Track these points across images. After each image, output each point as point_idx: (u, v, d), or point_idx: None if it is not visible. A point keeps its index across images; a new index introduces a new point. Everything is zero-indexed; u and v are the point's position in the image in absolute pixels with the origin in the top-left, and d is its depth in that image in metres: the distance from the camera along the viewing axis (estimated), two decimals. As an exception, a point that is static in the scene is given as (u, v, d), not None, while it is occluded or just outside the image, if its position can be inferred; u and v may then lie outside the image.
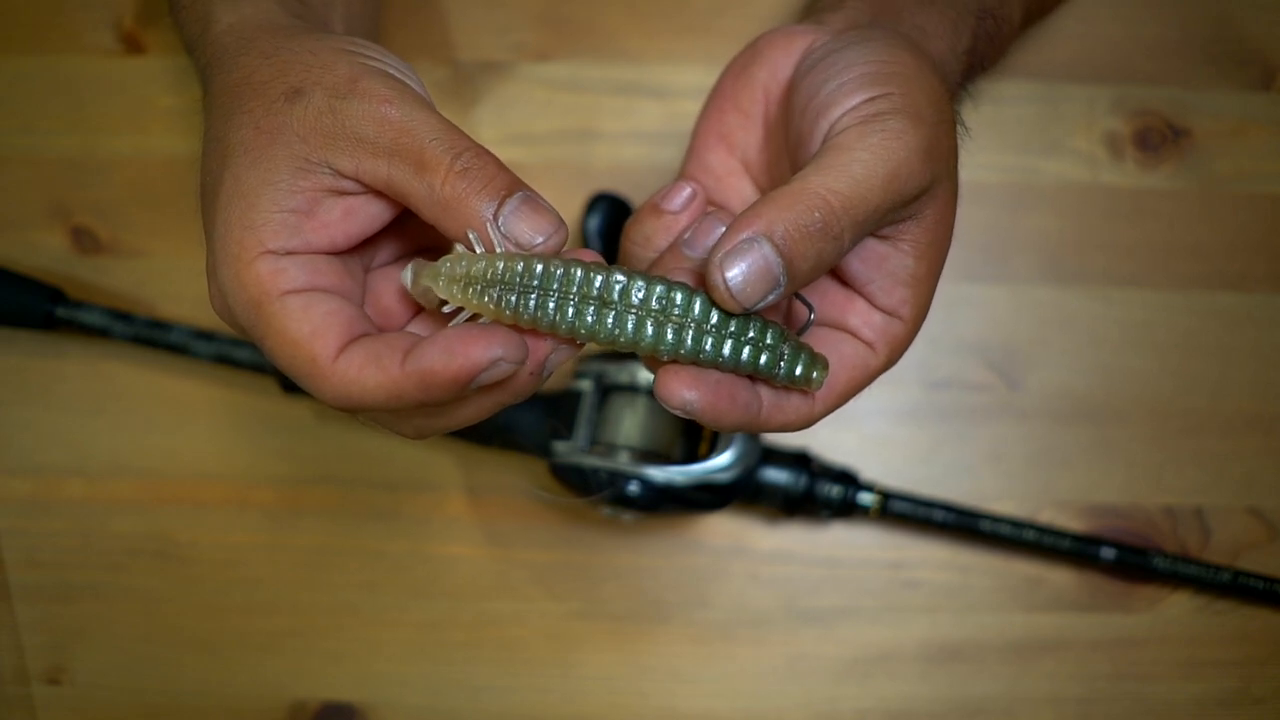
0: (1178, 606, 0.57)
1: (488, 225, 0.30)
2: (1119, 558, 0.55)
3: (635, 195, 0.57)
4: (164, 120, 0.60)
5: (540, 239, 0.30)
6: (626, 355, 0.53)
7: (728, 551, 0.57)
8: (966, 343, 0.58)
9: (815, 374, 0.31)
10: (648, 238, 0.33)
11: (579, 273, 0.29)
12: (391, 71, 0.32)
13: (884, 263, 0.33)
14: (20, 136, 0.60)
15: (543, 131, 0.60)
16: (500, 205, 0.30)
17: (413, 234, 0.35)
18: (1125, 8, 0.60)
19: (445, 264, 0.31)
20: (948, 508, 0.55)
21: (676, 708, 0.57)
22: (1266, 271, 0.59)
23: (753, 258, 0.28)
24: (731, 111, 0.36)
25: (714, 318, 0.29)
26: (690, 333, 0.29)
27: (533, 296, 0.29)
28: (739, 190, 0.37)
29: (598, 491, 0.51)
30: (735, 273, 0.28)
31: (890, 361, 0.34)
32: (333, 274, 0.32)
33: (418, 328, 0.34)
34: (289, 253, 0.31)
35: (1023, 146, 0.60)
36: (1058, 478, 0.58)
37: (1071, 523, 0.57)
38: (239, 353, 0.55)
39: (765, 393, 0.31)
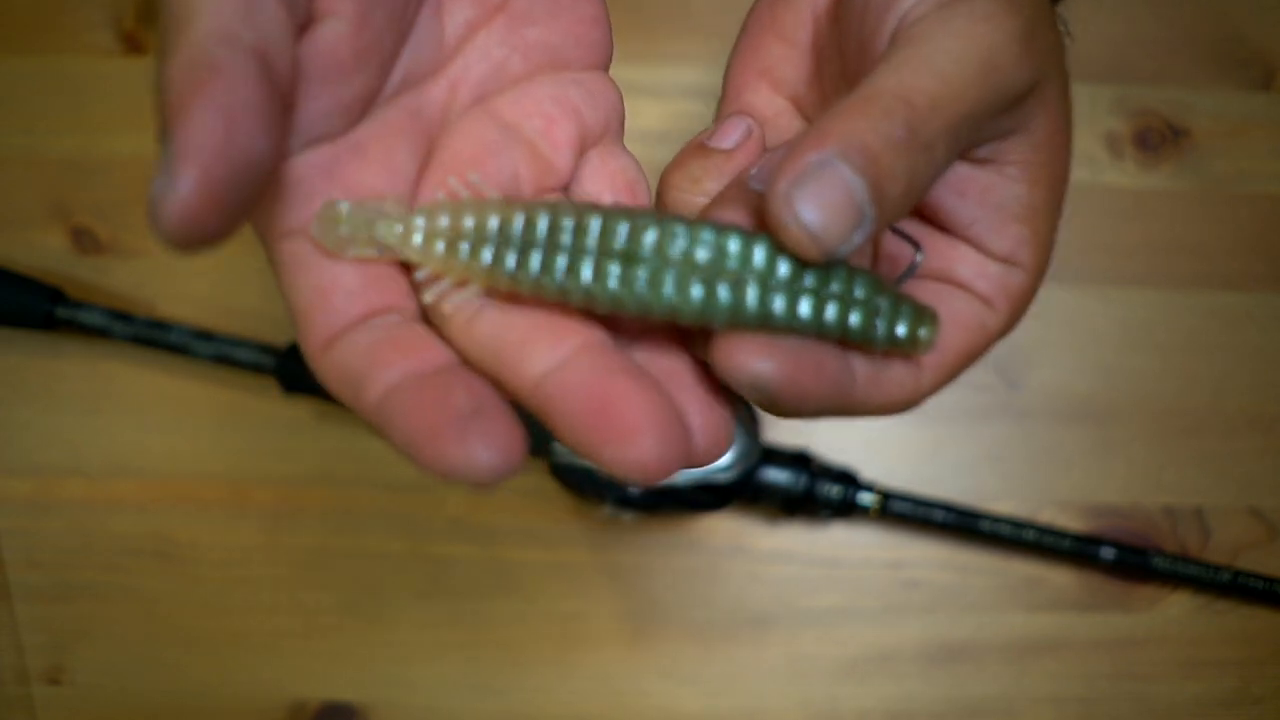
0: (1178, 606, 0.57)
1: None
2: (1119, 558, 0.55)
3: (635, 195, 0.57)
4: (164, 120, 0.60)
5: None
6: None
7: (728, 551, 0.57)
8: (966, 343, 0.58)
9: (924, 331, 0.23)
10: (695, 179, 0.27)
11: (597, 221, 0.22)
12: None
13: (990, 194, 0.26)
14: (20, 136, 0.60)
15: (543, 131, 0.60)
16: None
17: None
18: (1125, 8, 0.60)
19: (417, 216, 0.23)
20: (948, 508, 0.55)
21: (676, 708, 0.57)
22: (1267, 271, 0.59)
23: (829, 184, 0.21)
24: (774, 41, 0.30)
25: (782, 269, 0.22)
26: (753, 290, 0.22)
27: (538, 255, 0.22)
28: (793, 131, 0.30)
29: (597, 493, 0.51)
30: (809, 205, 0.21)
31: (1013, 321, 0.27)
32: None
33: None
34: None
35: (1023, 146, 0.60)
36: (1058, 478, 0.58)
37: (1072, 523, 0.57)
38: (239, 353, 0.55)
39: (859, 362, 0.24)
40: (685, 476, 0.50)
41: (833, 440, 0.57)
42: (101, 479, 0.58)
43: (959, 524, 0.55)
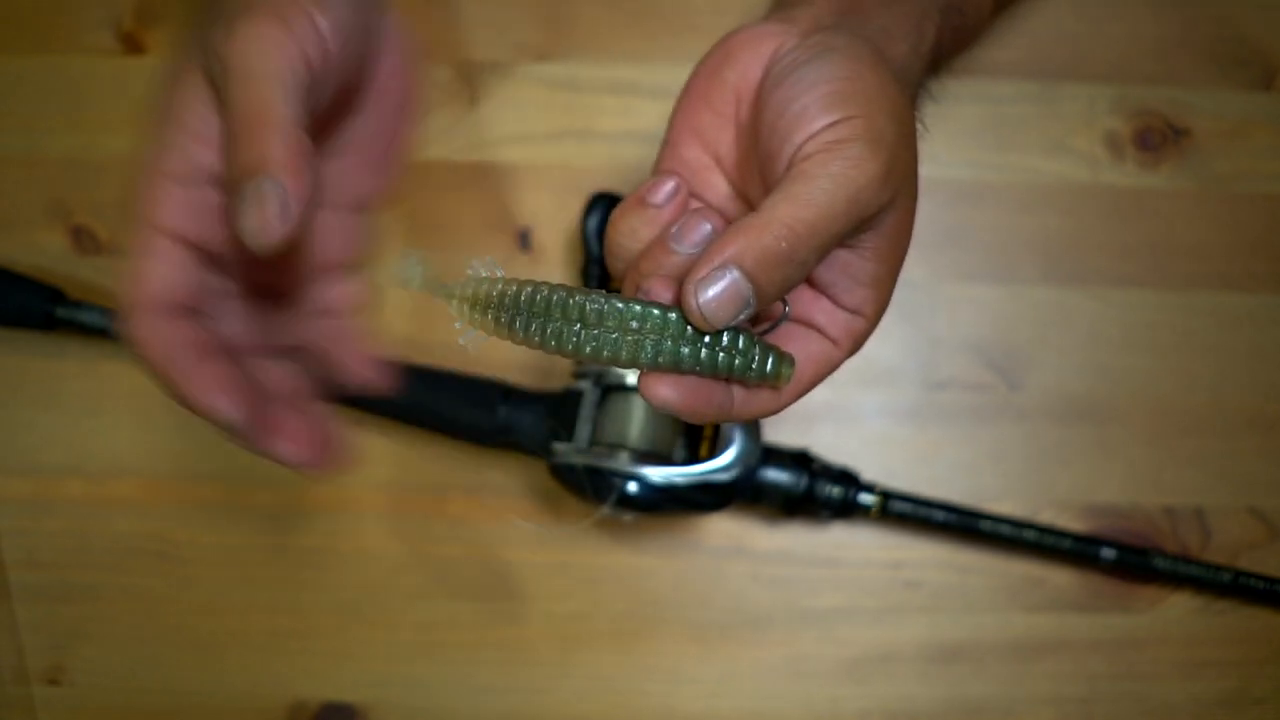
0: (1178, 607, 0.57)
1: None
2: (1119, 558, 0.54)
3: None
4: (164, 120, 0.60)
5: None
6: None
7: (728, 551, 0.57)
8: (967, 343, 0.58)
9: (784, 371, 0.34)
10: (634, 230, 0.36)
11: (568, 299, 0.33)
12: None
13: (847, 268, 0.35)
14: (20, 136, 0.60)
15: (543, 131, 0.60)
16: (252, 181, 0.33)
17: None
18: (1125, 7, 0.60)
19: (459, 286, 0.35)
20: (948, 508, 0.55)
21: (676, 708, 0.57)
22: (1266, 271, 0.59)
23: (724, 284, 0.31)
24: (705, 110, 0.39)
25: (689, 330, 0.33)
26: (668, 344, 0.33)
27: (530, 320, 0.33)
28: (713, 185, 0.39)
29: (597, 493, 0.51)
30: (708, 298, 0.31)
31: (852, 352, 0.37)
32: None
33: None
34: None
35: (1023, 146, 0.60)
36: (1058, 478, 0.58)
37: (1072, 523, 0.57)
38: (239, 353, 0.55)
39: (738, 391, 0.35)
40: (685, 477, 0.50)
41: (833, 440, 0.57)
42: (101, 479, 0.58)
43: (959, 524, 0.55)
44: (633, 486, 0.49)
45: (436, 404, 0.54)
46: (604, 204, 0.56)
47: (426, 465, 0.58)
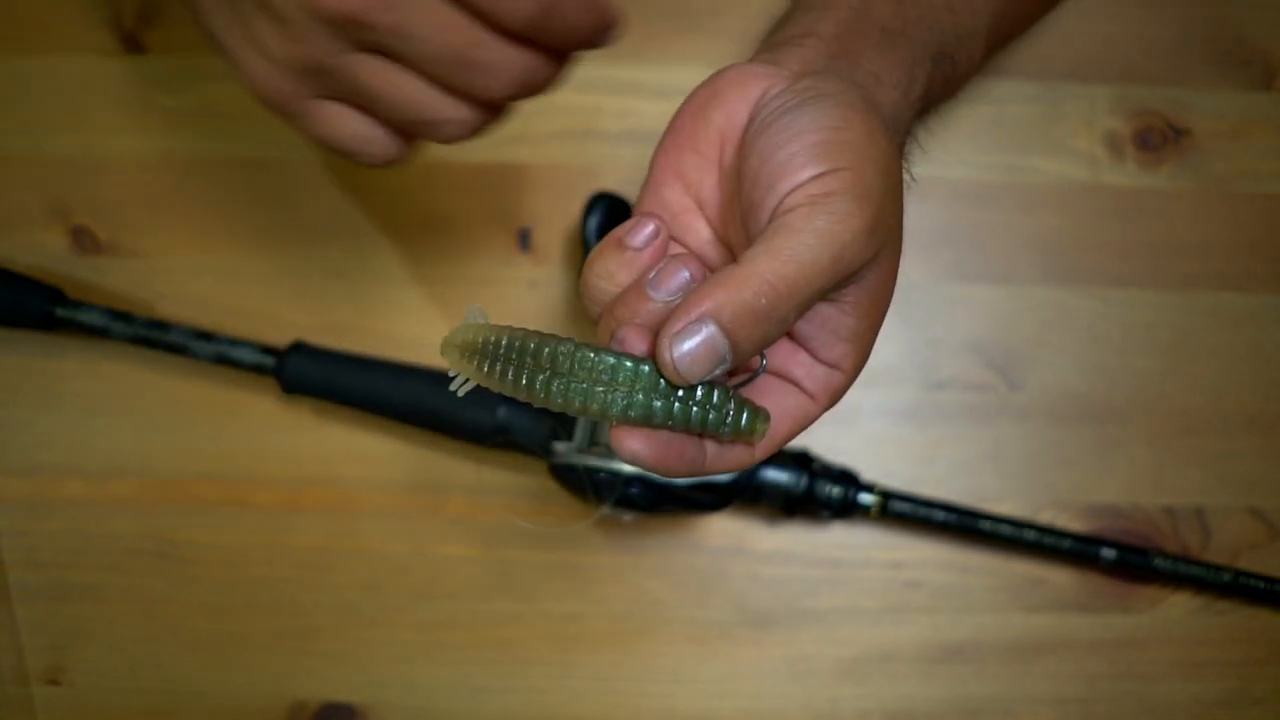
0: (1178, 607, 0.57)
1: None
2: (1119, 558, 0.54)
3: (635, 195, 0.57)
4: (164, 120, 0.60)
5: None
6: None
7: (728, 551, 0.57)
8: (966, 343, 0.58)
9: (758, 428, 0.33)
10: (611, 273, 0.34)
11: (541, 347, 0.33)
12: None
13: (827, 322, 0.34)
14: (20, 136, 0.60)
15: (543, 131, 0.60)
16: None
17: None
18: (1125, 7, 0.60)
19: (453, 333, 0.35)
20: (948, 508, 0.55)
21: (676, 708, 0.57)
22: (1267, 271, 0.59)
23: (700, 338, 0.30)
24: (689, 151, 0.37)
25: (662, 383, 0.32)
26: (640, 398, 0.32)
27: (508, 368, 0.33)
28: (694, 228, 0.38)
29: (597, 493, 0.51)
30: (682, 352, 0.30)
31: (829, 406, 0.36)
32: None
33: None
34: None
35: (1023, 146, 0.60)
36: (1058, 478, 0.58)
37: (1072, 523, 0.57)
38: (239, 353, 0.55)
39: (710, 446, 0.34)
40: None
41: (833, 440, 0.57)
42: (101, 479, 0.58)
43: (959, 524, 0.55)
44: (633, 486, 0.49)
45: (436, 404, 0.55)
46: (604, 204, 0.55)
47: (426, 465, 0.58)
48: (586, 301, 0.35)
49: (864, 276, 0.33)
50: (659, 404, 0.32)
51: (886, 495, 0.54)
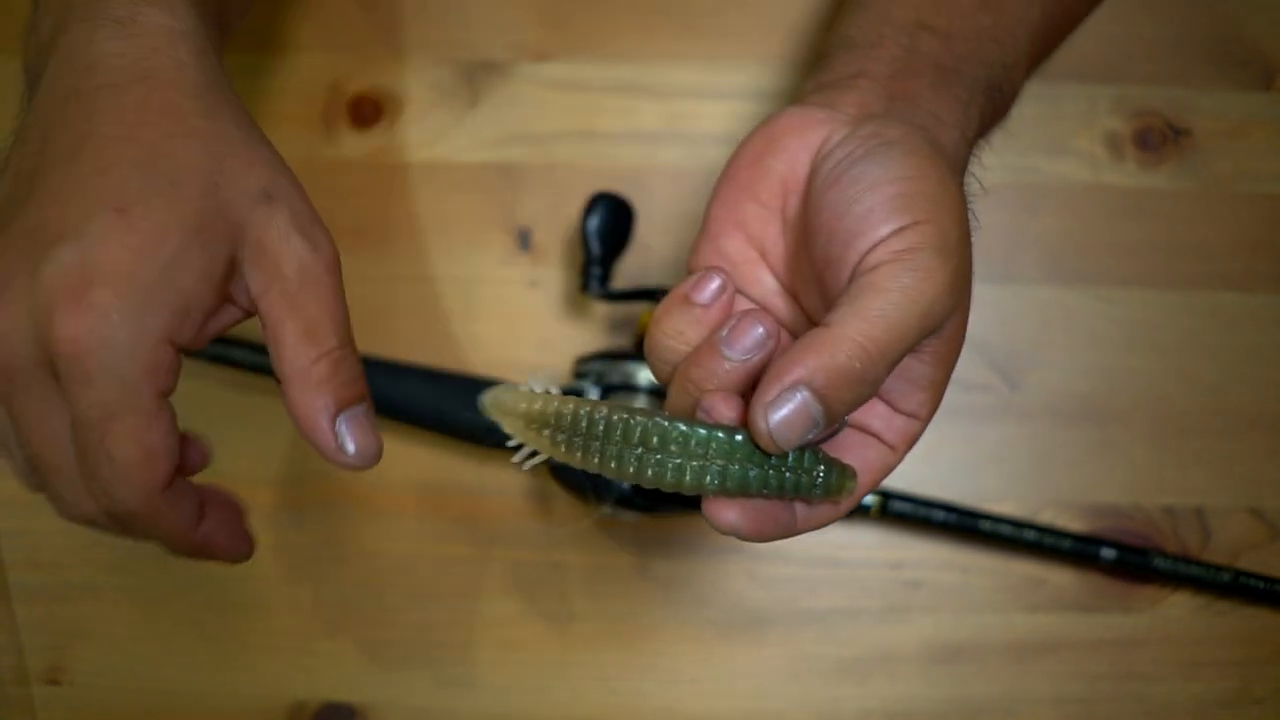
0: (1178, 607, 0.57)
1: (319, 421, 0.34)
2: (1120, 558, 0.54)
3: (635, 195, 0.57)
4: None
5: (358, 456, 0.35)
6: (622, 355, 0.53)
7: (728, 551, 0.57)
8: (967, 343, 0.58)
9: (846, 485, 0.33)
10: (681, 332, 0.33)
11: (629, 422, 0.32)
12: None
13: (906, 372, 0.34)
14: (20, 136, 0.60)
15: (543, 131, 0.60)
16: (342, 409, 0.34)
17: None
18: (1125, 7, 0.60)
19: (507, 398, 0.34)
20: (948, 508, 0.55)
21: (676, 708, 0.57)
22: (1268, 271, 0.59)
23: (794, 406, 0.30)
24: (749, 201, 0.37)
25: (755, 452, 0.32)
26: (735, 469, 0.32)
27: (589, 442, 0.32)
28: (758, 279, 0.37)
29: (597, 493, 0.51)
30: (777, 420, 0.30)
31: (906, 454, 0.36)
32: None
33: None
34: (182, 349, 0.33)
35: (1023, 146, 0.60)
36: (1059, 478, 0.58)
37: (1072, 523, 0.57)
38: (239, 353, 0.55)
39: (800, 507, 0.34)
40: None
41: (833, 440, 0.57)
42: (101, 479, 0.58)
43: (959, 524, 0.55)
44: (633, 487, 0.49)
45: (437, 404, 0.55)
46: (604, 204, 0.55)
47: (427, 465, 0.58)
48: (655, 361, 0.34)
49: (943, 327, 0.33)
50: (754, 473, 0.32)
51: (886, 495, 0.54)
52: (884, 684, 0.56)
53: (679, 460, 0.32)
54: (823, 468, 0.33)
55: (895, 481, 0.55)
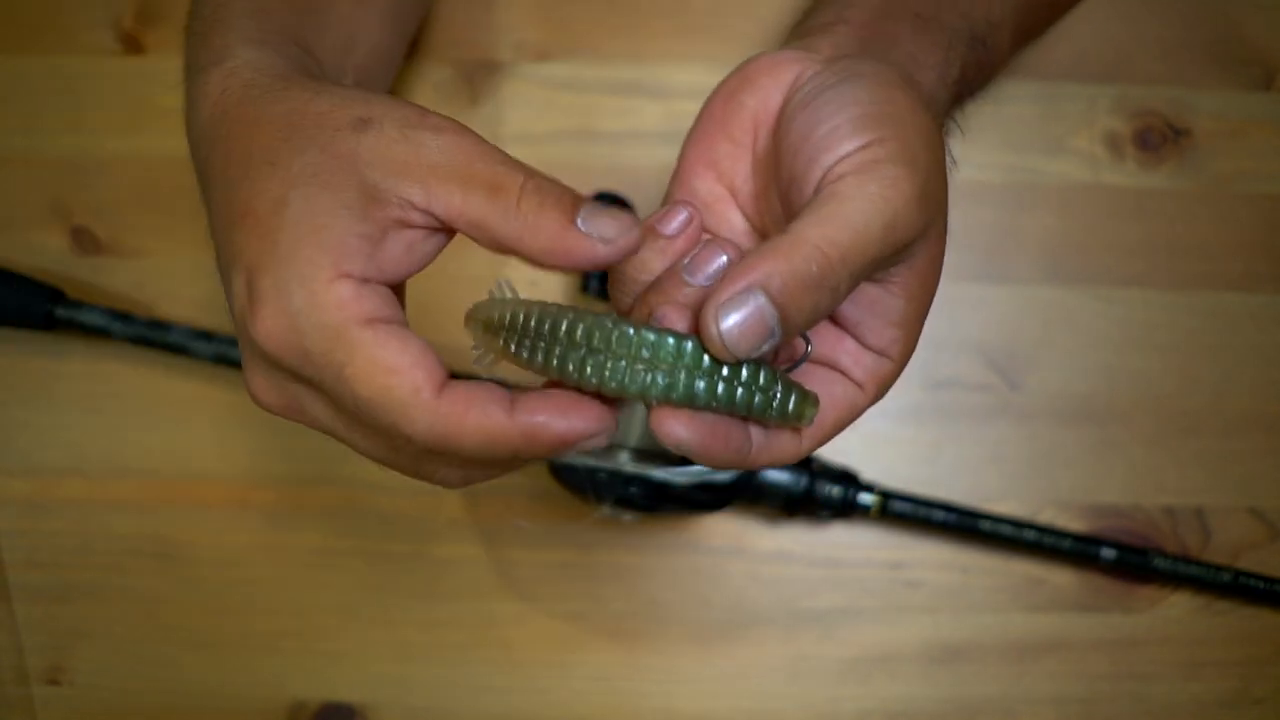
0: (1178, 607, 0.57)
1: (565, 233, 0.31)
2: (1119, 558, 0.54)
3: (635, 195, 0.57)
4: (164, 120, 0.60)
5: (621, 234, 0.31)
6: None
7: (728, 551, 0.57)
8: (967, 343, 0.58)
9: (807, 412, 0.31)
10: (643, 261, 0.33)
11: (576, 322, 0.30)
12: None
13: (875, 305, 0.33)
14: (20, 136, 0.60)
15: (543, 131, 0.60)
16: (576, 212, 0.31)
17: None
18: (1125, 7, 0.60)
19: (478, 309, 0.33)
20: (948, 508, 0.55)
21: (676, 708, 0.57)
22: (1268, 271, 0.59)
23: (748, 309, 0.28)
24: (720, 139, 0.36)
25: (706, 362, 0.30)
26: (682, 376, 0.30)
27: (537, 345, 0.31)
28: (727, 218, 0.37)
29: (597, 493, 0.51)
30: (730, 324, 0.28)
31: (878, 398, 0.35)
32: (399, 310, 0.32)
33: None
34: (365, 279, 0.31)
35: (1023, 146, 0.60)
36: (1058, 478, 0.58)
37: (1072, 523, 0.57)
38: (238, 353, 0.55)
39: (756, 432, 0.32)
40: (685, 476, 0.49)
41: (833, 440, 0.57)
42: (101, 479, 0.58)
43: (959, 524, 0.55)
44: (633, 486, 0.49)
45: (436, 404, 0.54)
46: (604, 204, 0.55)
47: (426, 465, 0.58)
48: (617, 292, 0.34)
49: (913, 255, 0.32)
50: (702, 383, 0.30)
51: (886, 495, 0.54)
52: (884, 684, 0.56)
53: (626, 364, 0.30)
54: (780, 387, 0.31)
55: (895, 481, 0.56)
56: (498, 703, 0.56)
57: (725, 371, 0.30)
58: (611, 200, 0.56)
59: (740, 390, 0.30)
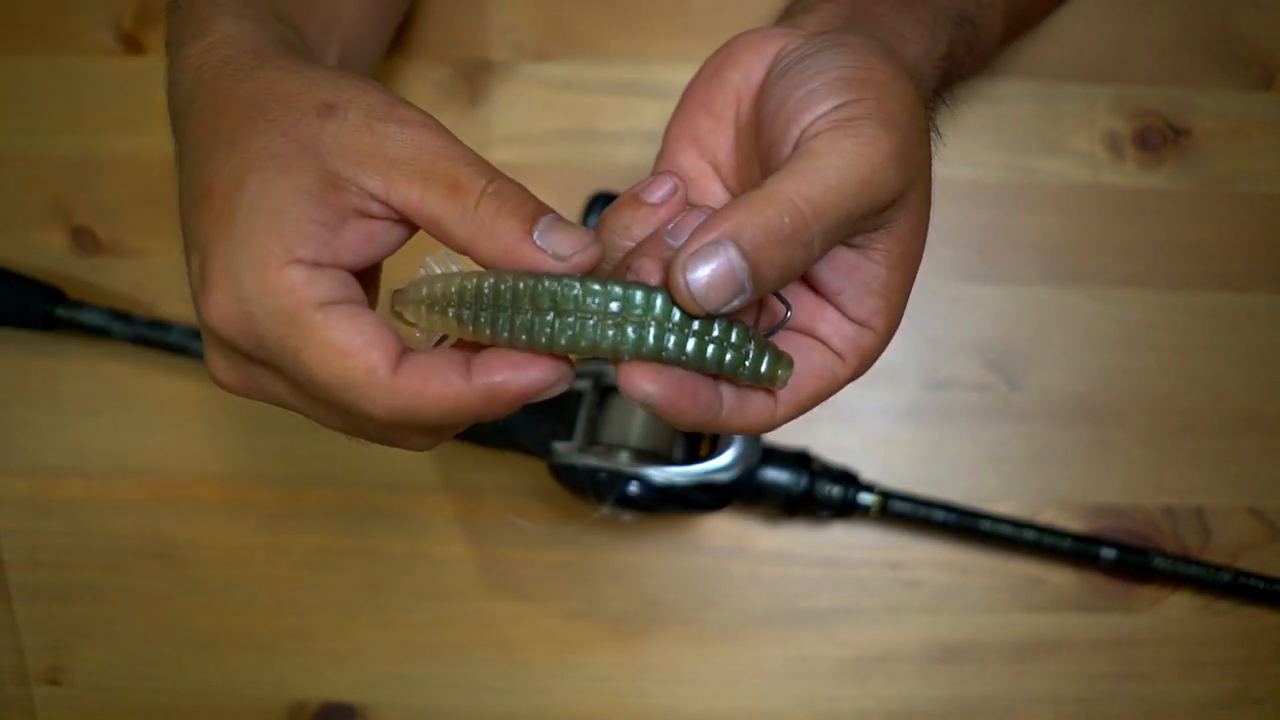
0: (1178, 607, 0.57)
1: (520, 244, 0.30)
2: (1119, 558, 0.54)
3: (635, 195, 0.57)
4: (164, 120, 0.59)
5: (577, 250, 0.30)
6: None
7: (728, 551, 0.57)
8: (966, 343, 0.58)
9: (780, 373, 0.31)
10: (626, 227, 0.33)
11: (537, 286, 0.29)
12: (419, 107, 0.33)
13: (855, 272, 0.32)
14: (20, 136, 0.60)
15: (543, 131, 0.60)
16: (534, 224, 0.30)
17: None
18: (1125, 7, 0.60)
19: (410, 289, 0.31)
20: (948, 508, 0.55)
21: (676, 708, 0.57)
22: (1267, 271, 0.59)
23: (717, 261, 0.28)
24: (703, 114, 0.36)
25: (676, 316, 0.29)
26: (651, 330, 0.29)
27: (497, 315, 0.30)
28: (710, 192, 0.37)
29: (597, 493, 0.51)
30: (698, 275, 0.28)
31: (859, 371, 0.34)
32: (356, 290, 0.31)
33: None
34: (317, 264, 0.30)
35: (1023, 146, 0.60)
36: (1058, 478, 0.58)
37: (1072, 523, 0.57)
38: (239, 353, 0.55)
39: (728, 393, 0.31)
40: (685, 476, 0.49)
41: (833, 440, 0.57)
42: (101, 479, 0.58)
43: (959, 524, 0.55)
44: (633, 486, 0.49)
45: (436, 404, 0.54)
46: (604, 204, 0.55)
47: (427, 465, 0.58)
48: (600, 261, 0.33)
49: (893, 221, 0.32)
50: (672, 338, 0.29)
51: (886, 495, 0.54)
52: (883, 684, 0.56)
53: (594, 321, 0.29)
54: (754, 345, 0.30)
55: (895, 481, 0.56)
56: (498, 703, 0.56)
57: (696, 326, 0.29)
58: (611, 200, 0.56)
59: (711, 347, 0.29)
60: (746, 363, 0.30)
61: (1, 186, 0.60)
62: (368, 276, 0.34)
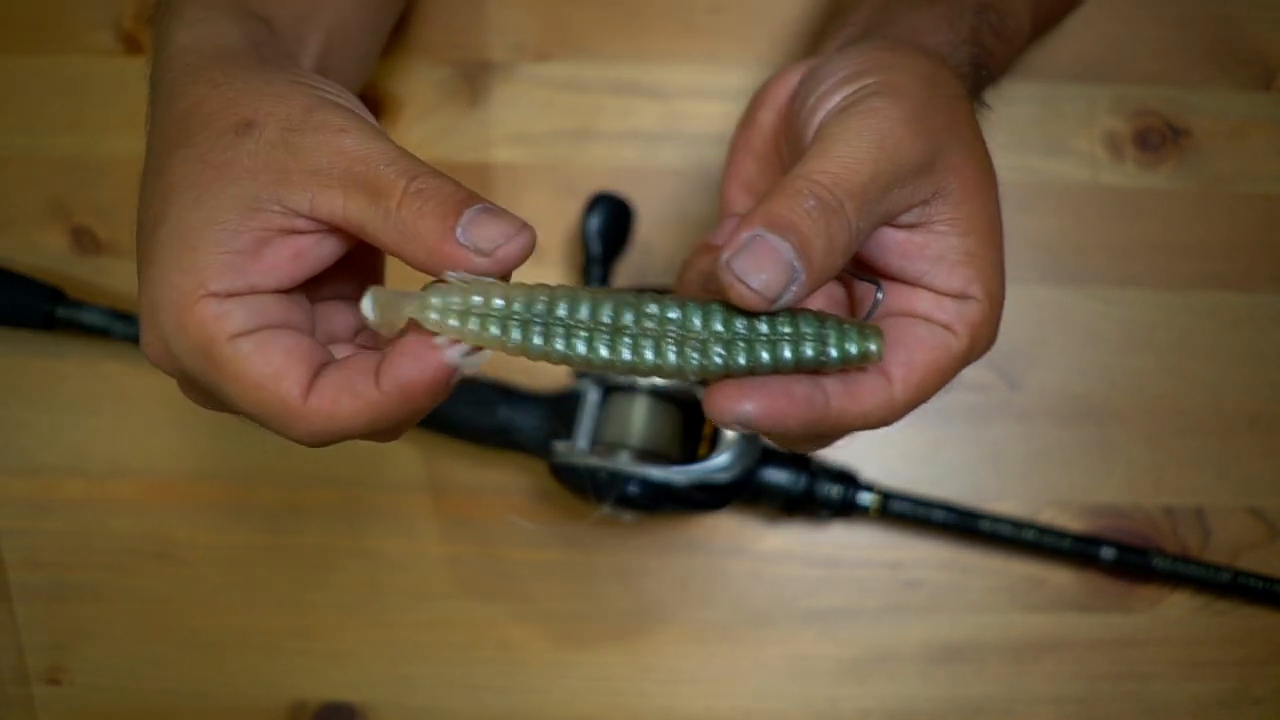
0: (1178, 606, 0.57)
1: (442, 244, 0.29)
2: (1119, 558, 0.54)
3: (635, 195, 0.57)
4: (164, 120, 0.60)
5: (503, 242, 0.30)
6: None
7: (728, 551, 0.57)
8: (966, 343, 0.58)
9: (872, 345, 0.28)
10: (705, 274, 0.33)
11: (594, 302, 0.28)
12: (345, 104, 0.32)
13: (927, 250, 0.32)
14: (20, 136, 0.60)
15: (543, 131, 0.60)
16: (457, 219, 0.29)
17: (358, 268, 0.35)
18: (1125, 7, 0.60)
19: (437, 295, 0.29)
20: (948, 508, 0.55)
21: (676, 708, 0.57)
22: (1267, 271, 0.59)
23: (757, 248, 0.27)
24: (748, 159, 0.38)
25: (739, 326, 0.27)
26: (716, 347, 0.27)
27: (541, 329, 0.28)
28: None
29: (597, 493, 0.51)
30: (742, 266, 0.27)
31: (975, 345, 0.32)
32: (280, 310, 0.31)
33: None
34: (231, 295, 0.30)
35: (1023, 146, 0.60)
36: (1058, 478, 0.58)
37: (1072, 523, 0.57)
38: (239, 353, 0.55)
39: (831, 383, 0.29)
40: (685, 476, 0.49)
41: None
42: (101, 479, 0.58)
43: (959, 524, 0.55)
44: (633, 486, 0.49)
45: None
46: (605, 204, 0.55)
47: (427, 465, 0.58)
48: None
49: (945, 188, 0.31)
50: (741, 351, 0.27)
51: (886, 495, 0.54)
52: (883, 684, 0.56)
53: (654, 340, 0.27)
54: (831, 326, 0.28)
55: (894, 481, 0.56)
56: (498, 703, 0.56)
57: (762, 328, 0.27)
58: (611, 200, 0.56)
59: (785, 346, 0.27)
60: (830, 349, 0.28)
61: (1, 186, 0.60)
62: (362, 271, 0.34)
